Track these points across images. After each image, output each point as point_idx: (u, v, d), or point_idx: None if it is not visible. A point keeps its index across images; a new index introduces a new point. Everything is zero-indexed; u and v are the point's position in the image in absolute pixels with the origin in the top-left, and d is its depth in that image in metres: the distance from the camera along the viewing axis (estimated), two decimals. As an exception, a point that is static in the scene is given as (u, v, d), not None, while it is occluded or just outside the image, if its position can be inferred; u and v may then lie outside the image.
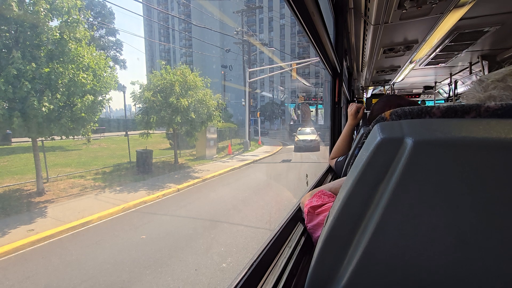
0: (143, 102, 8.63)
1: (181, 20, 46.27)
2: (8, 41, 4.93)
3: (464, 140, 0.25)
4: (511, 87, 0.39)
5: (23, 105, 4.84)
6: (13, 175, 7.18)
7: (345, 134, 1.41)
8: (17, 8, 4.60)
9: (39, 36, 5.03)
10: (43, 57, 5.03)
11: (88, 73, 5.57)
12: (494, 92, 0.40)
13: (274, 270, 0.65)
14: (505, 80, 0.40)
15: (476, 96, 0.43)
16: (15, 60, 4.65)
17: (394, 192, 0.27)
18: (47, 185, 6.54)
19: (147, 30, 53.96)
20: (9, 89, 4.63)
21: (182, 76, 8.83)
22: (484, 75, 0.41)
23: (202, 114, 9.22)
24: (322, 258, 0.36)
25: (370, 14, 1.46)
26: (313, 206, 0.68)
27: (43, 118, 5.02)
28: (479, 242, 0.26)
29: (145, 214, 5.31)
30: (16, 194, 6.04)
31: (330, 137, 1.97)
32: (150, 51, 54.92)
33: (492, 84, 0.41)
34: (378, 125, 0.29)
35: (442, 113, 0.31)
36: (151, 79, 8.88)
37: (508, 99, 0.38)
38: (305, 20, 0.89)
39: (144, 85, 8.86)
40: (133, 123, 13.21)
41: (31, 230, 4.37)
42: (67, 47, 5.23)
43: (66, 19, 5.24)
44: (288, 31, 42.51)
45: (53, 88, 5.12)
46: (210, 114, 9.63)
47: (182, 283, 2.97)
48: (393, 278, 0.31)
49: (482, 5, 1.39)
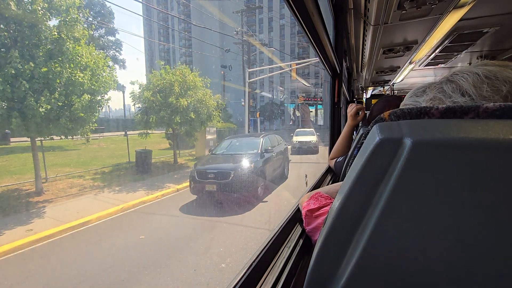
0: (143, 102, 8.62)
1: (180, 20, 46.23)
2: (6, 40, 4.91)
3: (462, 140, 0.25)
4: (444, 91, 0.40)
5: (21, 104, 4.83)
6: (11, 175, 7.16)
7: (344, 135, 1.41)
8: (15, 7, 4.59)
9: (37, 35, 5.01)
10: (42, 57, 5.02)
11: (86, 72, 5.56)
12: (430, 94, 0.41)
13: (273, 271, 0.65)
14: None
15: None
16: (13, 60, 4.64)
17: (393, 192, 0.27)
18: (46, 185, 6.52)
19: (146, 30, 53.93)
20: (7, 89, 4.62)
21: (182, 76, 8.83)
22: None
23: (202, 114, 9.22)
24: (321, 259, 0.36)
25: (370, 14, 1.46)
26: (311, 209, 0.68)
27: (41, 118, 5.01)
28: (478, 242, 0.27)
29: (144, 214, 5.30)
30: (15, 194, 6.02)
31: (330, 138, 1.97)
32: (150, 51, 54.86)
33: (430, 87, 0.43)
34: (377, 126, 0.29)
35: (441, 113, 0.31)
36: (151, 79, 8.87)
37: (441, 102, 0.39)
38: (304, 20, 0.89)
39: (144, 85, 8.85)
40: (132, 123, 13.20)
41: (30, 230, 4.36)
42: (66, 46, 5.22)
43: (65, 18, 5.23)
44: (288, 31, 42.54)
45: (51, 87, 5.10)
46: (210, 114, 9.63)
47: (181, 284, 2.97)
48: (392, 278, 0.31)
49: (481, 6, 1.39)
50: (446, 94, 0.39)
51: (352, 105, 1.41)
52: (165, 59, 45.43)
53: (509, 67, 0.37)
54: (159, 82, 8.62)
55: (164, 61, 9.96)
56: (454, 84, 0.39)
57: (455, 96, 0.38)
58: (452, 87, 0.39)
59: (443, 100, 0.39)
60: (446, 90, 0.39)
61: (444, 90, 0.39)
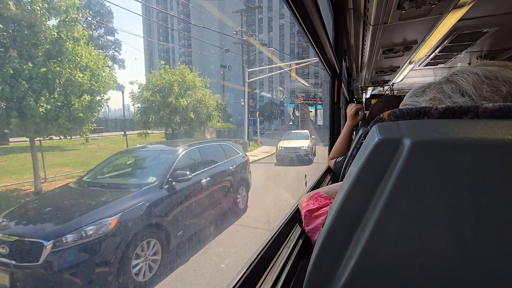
0: (142, 102, 8.62)
1: (180, 20, 46.19)
2: (5, 40, 4.90)
3: (462, 140, 0.25)
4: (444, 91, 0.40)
5: (20, 104, 4.81)
6: (10, 175, 7.14)
7: (344, 135, 1.41)
8: (14, 6, 4.58)
9: (36, 35, 5.00)
10: (41, 57, 5.01)
11: (86, 72, 5.55)
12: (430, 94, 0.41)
13: (272, 271, 0.64)
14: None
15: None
16: (12, 59, 4.63)
17: (392, 192, 0.27)
18: (45, 185, 6.51)
19: (146, 29, 53.86)
20: (6, 89, 4.61)
21: (181, 76, 8.82)
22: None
23: (201, 114, 9.22)
24: (321, 259, 0.36)
25: (370, 14, 1.46)
26: (310, 209, 0.68)
27: (40, 118, 5.00)
28: (477, 243, 0.27)
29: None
30: (14, 194, 6.00)
31: (329, 138, 1.97)
32: (149, 51, 54.81)
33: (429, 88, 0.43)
34: (376, 126, 0.29)
35: (440, 114, 0.31)
36: (150, 79, 8.87)
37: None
38: (304, 20, 0.88)
39: (143, 85, 8.85)
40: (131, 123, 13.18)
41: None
42: (65, 46, 5.21)
43: (64, 18, 5.22)
44: (288, 31, 42.55)
45: (50, 87, 5.09)
46: (209, 114, 9.63)
47: (181, 284, 2.97)
48: (392, 278, 0.31)
49: (481, 6, 1.39)
50: (445, 94, 0.39)
51: (351, 105, 1.41)
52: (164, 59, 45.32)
53: (509, 67, 0.37)
54: (159, 82, 8.62)
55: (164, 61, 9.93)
56: (453, 84, 0.39)
57: (454, 96, 0.38)
58: (452, 87, 0.39)
59: (443, 100, 0.39)
60: (446, 90, 0.39)
61: (444, 90, 0.39)
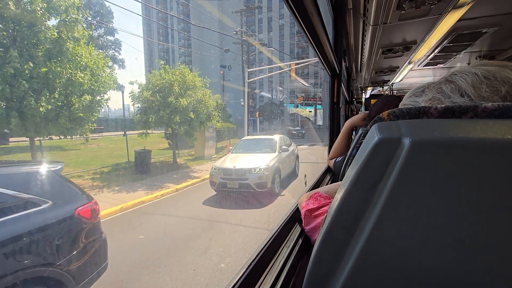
0: (142, 101, 8.60)
1: (180, 20, 46.15)
2: (6, 40, 4.90)
3: (461, 140, 0.25)
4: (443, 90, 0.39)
5: (20, 104, 4.82)
6: (10, 175, 7.13)
7: (343, 134, 1.41)
8: (14, 6, 4.58)
9: (36, 35, 5.00)
10: (41, 56, 5.01)
11: (86, 72, 5.55)
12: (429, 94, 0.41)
13: (272, 271, 0.64)
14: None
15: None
16: (13, 59, 4.63)
17: (391, 192, 0.27)
18: (44, 185, 6.50)
19: (146, 29, 53.83)
20: (7, 89, 4.61)
21: (181, 76, 8.81)
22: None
23: (201, 114, 9.21)
24: (320, 258, 0.36)
25: (369, 14, 1.46)
26: (310, 209, 0.68)
27: (40, 118, 5.00)
28: (476, 242, 0.27)
29: (143, 214, 5.29)
30: (14, 194, 5.99)
31: (329, 138, 1.97)
32: (149, 51, 54.79)
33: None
34: (376, 125, 0.29)
35: (439, 113, 0.31)
36: (150, 79, 8.86)
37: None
38: (304, 20, 0.88)
39: (143, 85, 8.83)
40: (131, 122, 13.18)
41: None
42: (65, 46, 5.21)
43: (64, 18, 5.22)
44: (287, 31, 42.54)
45: (50, 87, 5.10)
46: (209, 114, 9.62)
47: (181, 284, 2.96)
48: (391, 278, 0.31)
49: (480, 6, 1.39)
50: (445, 94, 0.39)
51: (362, 114, 1.39)
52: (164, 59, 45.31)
53: (508, 67, 0.37)
54: (159, 82, 8.60)
55: (164, 61, 9.93)
56: (453, 84, 0.39)
57: (454, 96, 0.38)
58: (451, 87, 0.39)
59: (442, 100, 0.39)
60: (445, 90, 0.39)
61: (443, 90, 0.39)
